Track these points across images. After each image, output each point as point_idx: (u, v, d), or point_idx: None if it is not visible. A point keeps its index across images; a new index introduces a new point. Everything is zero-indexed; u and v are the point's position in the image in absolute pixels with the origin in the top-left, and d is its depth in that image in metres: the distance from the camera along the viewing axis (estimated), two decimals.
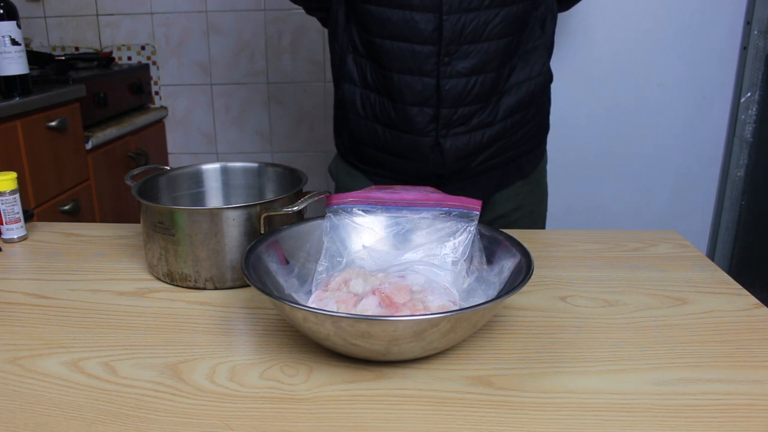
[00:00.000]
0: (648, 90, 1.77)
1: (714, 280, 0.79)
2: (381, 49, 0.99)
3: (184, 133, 2.25)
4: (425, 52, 0.96)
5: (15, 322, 0.69)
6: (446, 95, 0.98)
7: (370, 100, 1.04)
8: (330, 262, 0.73)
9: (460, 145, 1.02)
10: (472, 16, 0.94)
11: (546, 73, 1.07)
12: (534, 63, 1.04)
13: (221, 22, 2.12)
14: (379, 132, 1.05)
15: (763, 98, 1.73)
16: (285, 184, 0.91)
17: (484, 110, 1.01)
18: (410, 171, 1.07)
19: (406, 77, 0.98)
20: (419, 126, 1.01)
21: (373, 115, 1.05)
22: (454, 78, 0.97)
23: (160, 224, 0.76)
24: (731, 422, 0.52)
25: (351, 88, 1.06)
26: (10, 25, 1.41)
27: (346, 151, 1.16)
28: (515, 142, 1.08)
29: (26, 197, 1.46)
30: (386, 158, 1.08)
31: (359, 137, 1.09)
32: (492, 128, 1.03)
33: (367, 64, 1.03)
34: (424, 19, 0.94)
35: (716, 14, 1.70)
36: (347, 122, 1.09)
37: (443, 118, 1.00)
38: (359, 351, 0.57)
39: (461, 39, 0.95)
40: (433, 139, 1.02)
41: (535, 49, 1.03)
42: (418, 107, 1.00)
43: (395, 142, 1.04)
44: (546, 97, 1.12)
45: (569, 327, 0.68)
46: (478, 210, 0.74)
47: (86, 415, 0.53)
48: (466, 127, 1.01)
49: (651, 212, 1.88)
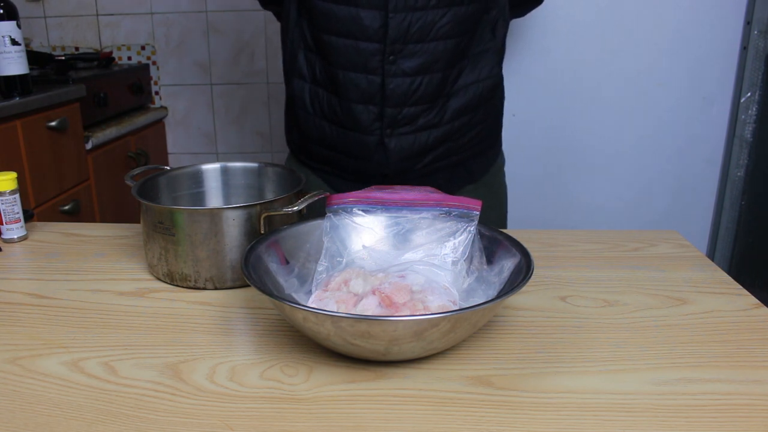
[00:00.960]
0: (648, 90, 1.77)
1: (714, 280, 0.79)
2: (328, 45, 0.98)
3: (184, 133, 2.25)
4: (370, 50, 0.96)
5: (15, 322, 0.69)
6: (391, 94, 0.98)
7: (318, 96, 1.04)
8: (330, 262, 0.73)
9: (405, 146, 1.02)
10: (418, 15, 0.94)
11: (495, 77, 1.06)
12: (483, 66, 1.03)
13: (221, 22, 2.12)
14: (326, 129, 1.05)
15: (763, 98, 1.73)
16: (285, 184, 0.91)
17: (431, 111, 1.01)
18: (356, 169, 1.07)
19: (351, 74, 0.98)
20: (364, 124, 1.00)
21: (321, 112, 1.04)
22: (399, 77, 0.97)
23: (160, 224, 0.76)
24: (731, 422, 0.52)
25: (300, 84, 1.05)
26: (10, 25, 1.41)
27: (296, 148, 1.15)
28: (462, 145, 1.07)
29: (26, 197, 1.46)
30: (333, 156, 1.07)
31: (308, 134, 1.08)
32: (438, 129, 1.03)
33: (316, 59, 1.02)
34: (370, 16, 0.94)
35: (716, 14, 1.70)
36: (297, 119, 1.09)
37: (388, 117, 0.99)
38: (359, 351, 0.57)
39: (407, 38, 0.95)
40: (377, 138, 1.01)
41: (484, 52, 1.03)
42: (363, 105, 0.99)
43: (341, 139, 1.04)
44: (496, 100, 1.11)
45: (569, 327, 0.68)
46: (478, 210, 0.74)
47: (86, 415, 0.53)
48: (411, 128, 1.01)
49: (651, 212, 1.88)
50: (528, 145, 1.79)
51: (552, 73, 1.75)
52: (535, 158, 1.81)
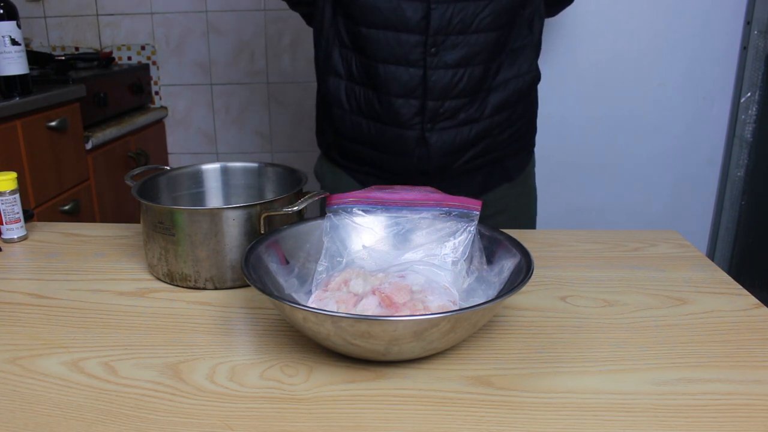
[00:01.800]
0: (648, 90, 1.77)
1: (714, 280, 0.79)
2: (367, 38, 0.97)
3: (184, 133, 2.25)
4: (412, 42, 0.95)
5: (15, 322, 0.69)
6: (433, 87, 0.97)
7: (355, 92, 1.03)
8: (330, 262, 0.73)
9: (447, 140, 1.01)
10: (460, 6, 0.94)
11: (533, 72, 1.06)
12: (522, 61, 1.03)
13: (221, 22, 2.12)
14: (364, 126, 1.04)
15: (763, 98, 1.73)
16: (285, 184, 0.91)
17: (472, 105, 1.00)
18: (395, 167, 1.05)
19: (391, 67, 0.97)
20: (404, 118, 0.99)
21: (358, 108, 1.03)
22: (441, 69, 0.96)
23: (160, 224, 0.76)
24: (731, 422, 0.52)
25: (336, 81, 1.05)
26: (10, 25, 1.41)
27: (329, 148, 1.14)
28: (501, 143, 1.07)
29: (26, 197, 1.46)
30: (370, 154, 1.06)
31: (343, 132, 1.07)
32: (479, 124, 1.02)
33: (352, 55, 1.02)
34: (412, 7, 0.94)
35: (716, 14, 1.70)
36: (331, 117, 1.08)
37: (429, 111, 0.98)
38: (359, 351, 0.57)
39: (449, 29, 0.94)
40: (418, 133, 1.00)
41: (522, 47, 1.03)
42: (404, 99, 0.98)
43: (380, 136, 1.03)
44: (533, 98, 1.11)
45: (569, 327, 0.68)
46: (478, 210, 0.74)
47: (86, 415, 0.53)
48: (452, 122, 1.00)
49: (651, 212, 1.88)
50: None
51: (552, 73, 1.75)
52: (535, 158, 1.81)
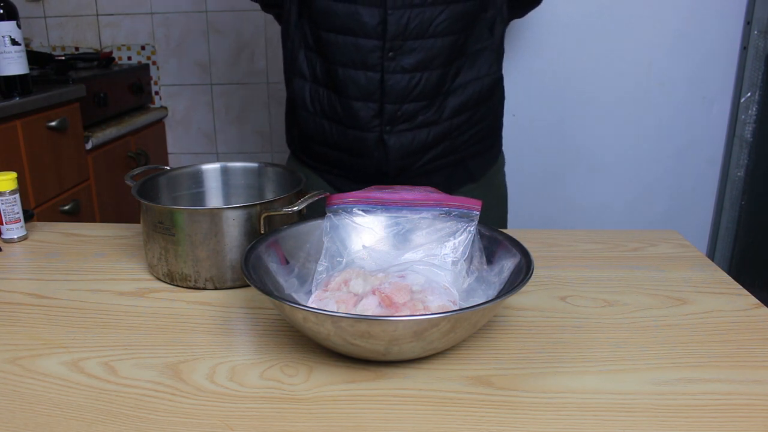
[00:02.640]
0: (648, 90, 1.77)
1: (714, 280, 0.79)
2: (327, 42, 0.99)
3: (184, 133, 2.25)
4: (369, 46, 0.97)
5: (15, 322, 0.69)
6: (390, 90, 0.98)
7: (318, 94, 1.05)
8: (330, 262, 0.73)
9: (405, 143, 1.02)
10: (417, 11, 0.95)
11: (493, 75, 1.07)
12: (481, 64, 1.04)
13: (221, 22, 2.12)
14: (326, 127, 1.05)
15: (763, 98, 1.73)
16: (285, 184, 0.91)
17: (430, 108, 1.02)
18: (356, 168, 1.07)
19: (350, 71, 0.99)
20: (363, 121, 1.01)
21: (321, 111, 1.05)
22: (398, 73, 0.98)
23: (160, 224, 0.76)
24: (731, 422, 0.52)
25: (301, 83, 1.06)
26: (10, 25, 1.41)
27: (297, 148, 1.16)
28: (461, 144, 1.08)
29: (26, 197, 1.46)
30: (333, 154, 1.08)
31: (308, 133, 1.09)
32: (437, 127, 1.03)
33: (316, 58, 1.03)
34: (369, 13, 0.95)
35: (716, 14, 1.70)
36: (297, 118, 1.10)
37: (387, 114, 1.00)
38: (359, 351, 0.57)
39: (406, 34, 0.96)
40: (377, 135, 1.02)
41: (482, 50, 1.04)
42: (363, 102, 1.00)
43: (341, 137, 1.04)
44: (496, 100, 1.12)
45: (569, 327, 0.68)
46: (478, 210, 0.74)
47: (86, 415, 0.53)
48: (410, 125, 1.02)
49: (651, 212, 1.88)
50: (528, 145, 1.79)
51: (552, 73, 1.75)
52: (535, 158, 1.81)
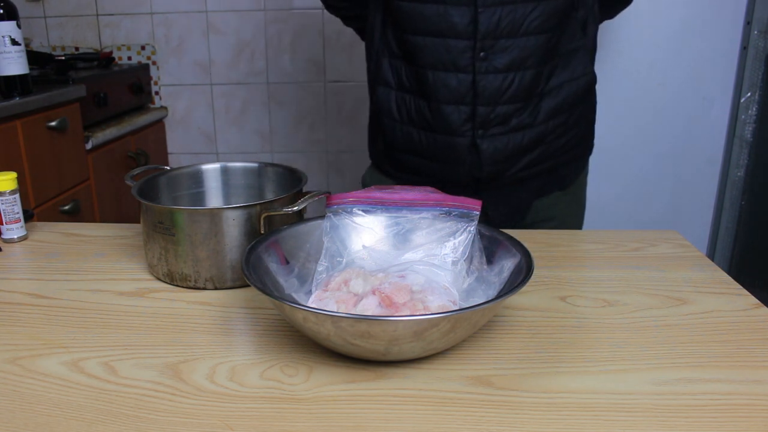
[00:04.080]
0: (648, 90, 1.77)
1: (714, 280, 0.79)
2: (415, 46, 0.96)
3: (184, 133, 2.25)
4: (460, 47, 0.94)
5: (15, 322, 0.69)
6: (483, 92, 0.95)
7: (405, 102, 1.02)
8: (330, 262, 0.73)
9: (499, 147, 0.98)
10: (508, 9, 0.92)
11: (588, 75, 1.03)
12: (576, 64, 1.01)
13: (221, 22, 2.12)
14: (414, 135, 1.02)
15: (763, 98, 1.73)
16: (285, 184, 0.91)
17: (524, 111, 0.98)
18: (446, 175, 1.03)
19: (440, 74, 0.96)
20: (455, 125, 0.98)
21: (408, 118, 1.02)
22: (491, 74, 0.94)
23: (160, 224, 0.76)
24: (731, 422, 0.52)
25: (386, 91, 1.03)
26: (10, 25, 1.41)
27: (380, 158, 1.13)
28: (557, 150, 1.04)
29: (26, 197, 1.46)
30: (421, 163, 1.05)
31: (393, 142, 1.06)
32: (532, 130, 0.99)
33: (402, 65, 1.01)
34: (459, 12, 0.92)
35: (716, 14, 1.70)
36: (382, 127, 1.07)
37: (480, 117, 0.97)
38: (359, 351, 0.57)
39: (497, 33, 0.93)
40: (469, 140, 0.98)
41: (576, 50, 1.01)
42: (454, 105, 0.97)
43: (430, 144, 1.01)
44: (590, 102, 1.08)
45: (569, 327, 0.68)
46: (478, 210, 0.74)
47: (86, 415, 0.53)
48: (504, 128, 0.98)
49: (651, 212, 1.88)
50: None
51: None
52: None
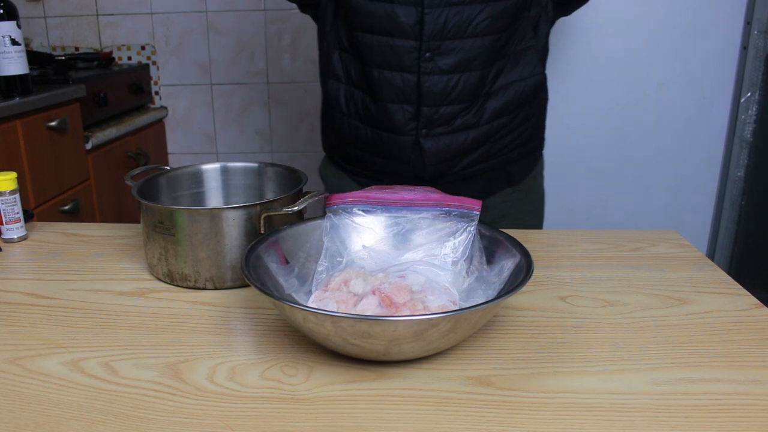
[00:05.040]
0: (648, 90, 1.77)
1: (714, 280, 0.79)
2: (362, 43, 0.97)
3: (184, 133, 2.25)
4: (406, 47, 0.94)
5: (15, 322, 0.69)
6: (427, 93, 0.95)
7: (353, 97, 1.02)
8: (330, 262, 0.73)
9: (442, 147, 0.99)
10: (455, 10, 0.92)
11: (537, 76, 1.03)
12: (524, 65, 1.00)
13: (221, 22, 2.12)
14: (361, 130, 1.03)
15: (763, 98, 1.73)
16: (285, 184, 0.91)
17: (469, 111, 0.98)
18: (391, 171, 1.04)
19: (386, 73, 0.96)
20: (399, 124, 0.98)
21: (356, 113, 1.03)
22: (435, 75, 0.95)
23: (160, 224, 0.76)
24: (731, 422, 0.52)
25: (336, 84, 1.04)
26: (10, 25, 1.41)
27: (331, 150, 1.14)
28: (502, 148, 1.04)
29: (26, 197, 1.46)
30: (368, 157, 1.06)
31: (343, 136, 1.07)
32: (476, 130, 1.00)
33: (351, 60, 1.01)
34: (405, 12, 0.92)
35: (716, 14, 1.70)
36: (332, 120, 1.08)
37: (424, 117, 0.97)
38: (359, 351, 0.57)
39: (444, 34, 0.93)
40: (413, 139, 0.99)
41: (525, 50, 1.00)
42: (398, 104, 0.97)
43: (376, 140, 1.02)
44: (539, 102, 1.08)
45: (569, 327, 0.68)
46: (478, 210, 0.74)
47: (86, 415, 0.53)
48: (448, 128, 0.98)
49: (651, 212, 1.88)
50: None
51: (552, 73, 1.74)
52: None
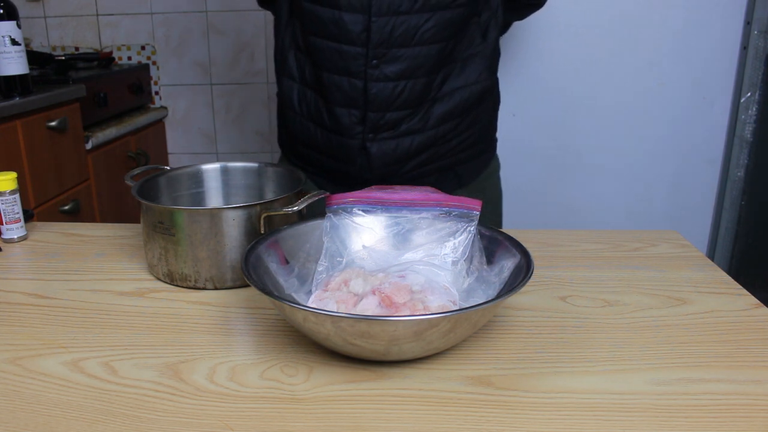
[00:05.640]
0: (648, 90, 1.77)
1: (714, 280, 0.79)
2: (313, 46, 0.98)
3: (184, 133, 2.25)
4: (353, 53, 0.95)
5: (15, 322, 0.69)
6: (373, 99, 0.97)
7: (306, 97, 1.03)
8: (330, 262, 0.73)
9: (387, 151, 1.00)
10: (402, 19, 0.93)
11: (483, 82, 1.03)
12: (471, 71, 1.01)
13: (221, 22, 2.12)
14: (312, 130, 1.04)
15: (763, 98, 1.73)
16: (285, 184, 0.91)
17: (414, 116, 0.99)
18: (340, 172, 1.06)
19: (334, 77, 0.97)
20: (346, 127, 1.00)
21: (308, 113, 1.04)
22: (381, 82, 0.96)
23: (160, 224, 0.76)
24: (731, 422, 0.52)
25: (290, 83, 1.05)
26: (10, 25, 1.41)
27: (286, 148, 1.15)
28: (449, 151, 1.05)
29: (26, 197, 1.46)
30: (318, 157, 1.07)
31: (295, 134, 1.08)
32: (421, 135, 1.01)
33: (305, 60, 1.02)
34: (353, 19, 0.93)
35: (716, 14, 1.70)
36: (285, 119, 1.09)
37: (370, 122, 0.98)
38: (359, 351, 0.57)
39: (390, 42, 0.94)
40: (359, 142, 1.00)
41: (473, 56, 1.01)
42: (346, 108, 0.99)
43: (326, 142, 1.03)
44: (487, 105, 1.08)
45: (569, 327, 0.68)
46: (478, 210, 0.74)
47: (86, 415, 0.53)
48: (393, 132, 1.00)
49: (651, 212, 1.88)
50: (528, 144, 1.79)
51: (552, 73, 1.75)
52: (535, 158, 1.81)
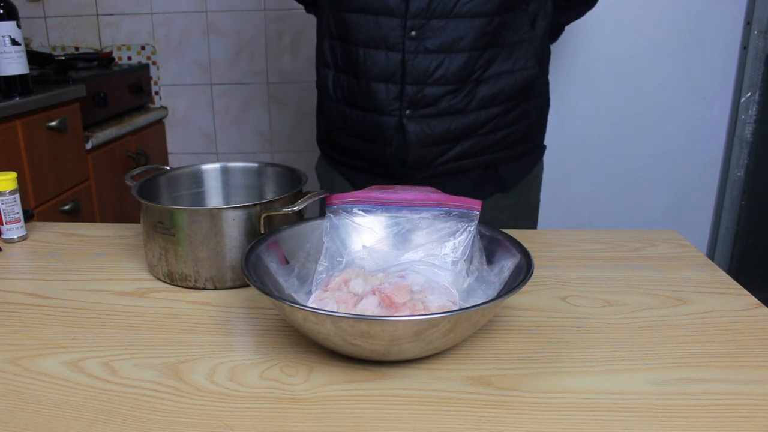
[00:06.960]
0: (648, 90, 1.77)
1: (714, 280, 0.79)
2: (348, 23, 0.97)
3: (184, 133, 2.25)
4: (391, 25, 0.94)
5: (15, 322, 0.69)
6: (411, 71, 0.95)
7: (340, 81, 1.03)
8: (330, 262, 0.73)
9: (426, 130, 0.98)
10: None
11: (530, 69, 1.01)
12: (518, 57, 0.99)
13: (221, 22, 2.12)
14: (347, 113, 1.03)
15: (763, 98, 1.73)
16: (285, 184, 0.91)
17: (457, 95, 0.97)
18: (375, 158, 1.04)
19: (371, 51, 0.96)
20: (382, 103, 0.98)
21: (342, 97, 1.03)
22: (420, 54, 0.94)
23: (160, 224, 0.76)
24: (731, 422, 0.52)
25: (325, 71, 1.05)
26: (10, 25, 1.41)
27: (323, 142, 1.14)
28: (492, 144, 1.02)
29: (26, 197, 1.46)
30: (352, 142, 1.06)
31: (331, 122, 1.08)
32: (463, 117, 0.98)
33: (338, 44, 1.01)
34: None
35: (716, 14, 1.70)
36: (323, 109, 1.09)
37: (407, 97, 0.96)
38: (359, 351, 0.57)
39: (429, 13, 0.92)
40: (396, 120, 0.98)
41: (520, 42, 0.99)
42: (383, 83, 0.97)
43: (360, 122, 1.02)
44: (536, 102, 1.06)
45: (569, 327, 0.68)
46: (478, 210, 0.74)
47: (86, 415, 0.53)
48: (433, 110, 0.97)
49: (651, 212, 1.88)
50: None
51: (552, 73, 1.74)
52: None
